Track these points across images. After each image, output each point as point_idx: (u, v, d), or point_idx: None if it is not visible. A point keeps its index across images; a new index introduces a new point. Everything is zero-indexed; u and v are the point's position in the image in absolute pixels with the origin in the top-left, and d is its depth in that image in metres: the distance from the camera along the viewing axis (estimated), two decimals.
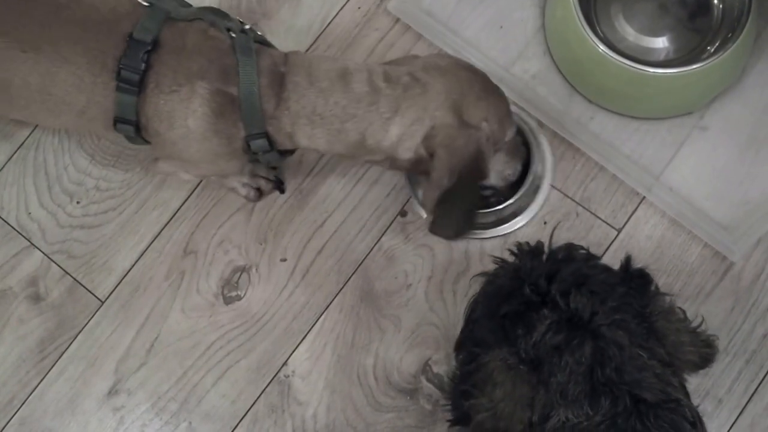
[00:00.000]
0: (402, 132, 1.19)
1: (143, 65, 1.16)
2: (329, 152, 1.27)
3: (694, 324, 1.16)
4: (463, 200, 1.25)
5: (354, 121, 1.19)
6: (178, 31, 1.20)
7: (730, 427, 1.42)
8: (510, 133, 1.27)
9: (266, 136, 1.22)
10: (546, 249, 1.17)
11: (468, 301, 1.21)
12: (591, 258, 1.19)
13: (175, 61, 1.18)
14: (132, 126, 1.22)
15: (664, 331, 1.07)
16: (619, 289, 1.07)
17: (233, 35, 1.20)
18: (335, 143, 1.23)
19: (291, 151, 1.33)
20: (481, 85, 1.24)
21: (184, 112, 1.19)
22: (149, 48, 1.16)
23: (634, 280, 1.12)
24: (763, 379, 1.44)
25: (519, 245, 1.19)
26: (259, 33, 1.28)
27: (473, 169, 1.21)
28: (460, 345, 1.21)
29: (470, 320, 1.20)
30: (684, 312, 1.23)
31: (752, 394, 1.43)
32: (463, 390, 1.11)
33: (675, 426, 0.97)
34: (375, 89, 1.19)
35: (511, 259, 1.19)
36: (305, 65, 1.21)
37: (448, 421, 1.20)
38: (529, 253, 1.18)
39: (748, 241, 1.48)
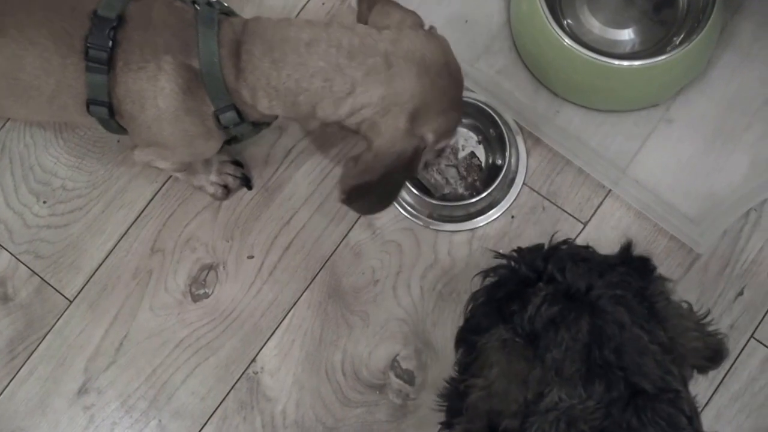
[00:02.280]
0: (351, 111, 1.11)
1: (110, 42, 1.10)
2: (288, 118, 1.20)
3: (701, 315, 1.12)
4: (384, 189, 1.18)
5: (306, 95, 1.11)
6: (144, 5, 1.13)
7: None
8: (444, 143, 1.19)
9: (234, 108, 1.15)
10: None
11: (467, 298, 1.15)
12: (588, 247, 1.14)
13: (141, 36, 1.11)
14: (105, 107, 1.15)
15: (666, 314, 1.02)
16: (619, 269, 1.03)
17: (197, 7, 1.14)
18: (291, 113, 1.15)
19: (267, 123, 1.26)
20: (450, 98, 1.14)
21: (153, 90, 1.12)
22: (114, 24, 1.10)
23: (634, 263, 1.07)
24: (728, 371, 1.40)
25: (518, 248, 1.14)
26: (225, 5, 1.20)
27: (401, 170, 1.13)
28: (459, 340, 1.15)
29: (469, 313, 1.14)
30: (689, 304, 1.18)
31: (718, 386, 1.39)
32: (462, 381, 1.06)
33: (672, 421, 0.92)
34: (333, 65, 1.09)
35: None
36: (261, 33, 1.12)
37: (441, 423, 1.15)
38: (529, 250, 1.13)
39: (714, 233, 1.43)
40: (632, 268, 1.03)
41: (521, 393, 0.97)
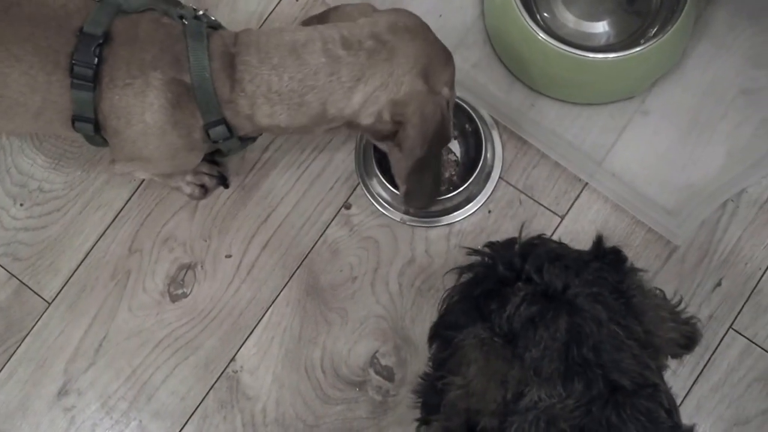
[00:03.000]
0: (365, 99, 1.11)
1: (96, 59, 1.08)
2: (291, 127, 1.17)
3: (674, 303, 1.10)
4: (432, 168, 1.19)
5: (314, 93, 1.11)
6: (130, 22, 1.12)
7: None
8: (453, 96, 1.21)
9: (225, 122, 1.14)
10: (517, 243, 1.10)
11: (442, 295, 1.14)
12: (561, 243, 1.13)
13: (128, 52, 1.10)
14: (91, 124, 1.14)
15: (642, 308, 1.00)
16: (594, 265, 1.01)
17: (185, 22, 1.12)
18: (297, 116, 1.14)
19: (252, 138, 1.25)
20: (443, 48, 1.18)
21: (141, 106, 1.10)
22: (101, 41, 1.08)
23: (607, 257, 1.06)
24: (708, 361, 1.38)
25: (491, 243, 1.12)
26: (213, 18, 1.19)
27: (440, 135, 1.14)
28: (433, 335, 1.14)
29: (444, 310, 1.13)
30: (663, 291, 1.17)
31: (698, 376, 1.38)
32: (437, 377, 1.05)
33: (651, 416, 0.90)
34: (334, 58, 1.09)
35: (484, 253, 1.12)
36: (254, 43, 1.12)
37: (417, 420, 1.13)
38: (502, 245, 1.11)
39: (691, 224, 1.41)
40: (606, 262, 1.02)
41: (500, 392, 0.95)
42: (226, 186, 1.48)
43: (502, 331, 0.95)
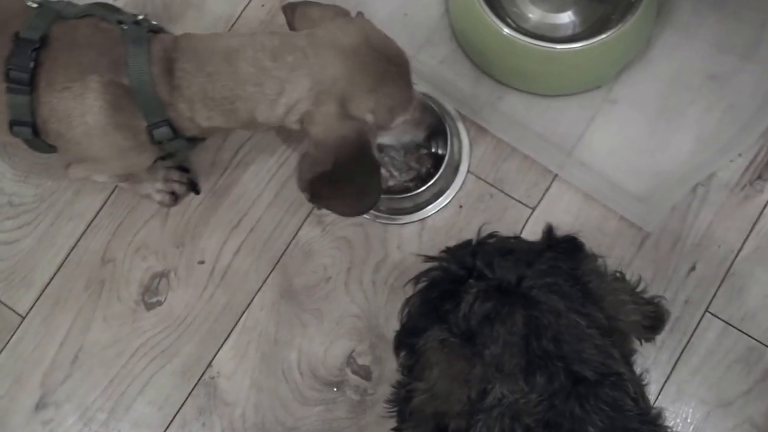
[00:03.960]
0: (286, 111, 1.09)
1: (32, 63, 1.07)
2: (231, 128, 1.16)
3: (633, 284, 1.08)
4: (355, 184, 1.15)
5: (242, 102, 1.09)
6: (68, 27, 1.10)
7: (657, 395, 1.34)
8: (401, 119, 1.15)
9: (168, 123, 1.13)
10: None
11: (402, 304, 1.11)
12: (516, 237, 1.11)
13: (66, 57, 1.09)
14: (29, 127, 1.12)
15: (601, 293, 0.98)
16: (547, 254, 0.99)
17: (125, 27, 1.11)
18: (231, 122, 1.13)
19: (202, 138, 1.23)
20: (378, 73, 1.10)
21: (81, 108, 1.09)
22: (37, 46, 1.07)
23: (561, 246, 1.04)
24: (686, 345, 1.36)
25: (447, 248, 1.10)
26: (154, 22, 1.17)
27: (358, 158, 1.10)
28: (398, 344, 1.11)
29: (406, 317, 1.11)
30: (622, 273, 1.15)
31: (676, 361, 1.35)
32: (407, 387, 1.03)
33: (616, 405, 0.88)
34: (261, 69, 1.07)
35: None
36: (192, 49, 1.11)
37: (393, 430, 1.10)
38: (457, 246, 1.09)
39: (661, 210, 1.39)
40: (560, 250, 1.00)
41: (464, 392, 0.93)
42: (197, 192, 1.46)
43: (459, 331, 0.93)
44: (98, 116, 1.09)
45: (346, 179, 1.11)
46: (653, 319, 1.04)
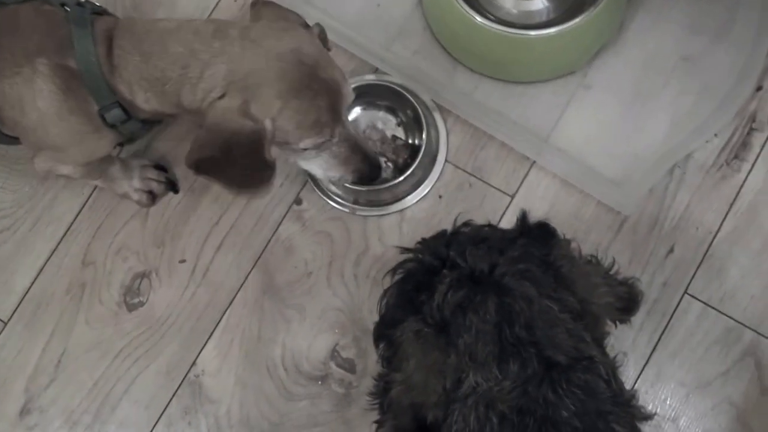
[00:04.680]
0: (204, 96, 1.07)
1: None
2: (174, 113, 1.14)
3: (607, 266, 1.09)
4: (240, 169, 1.11)
5: (171, 84, 1.08)
6: (10, 12, 1.10)
7: (637, 378, 1.35)
8: (310, 141, 1.11)
9: (120, 105, 1.12)
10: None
11: (379, 297, 1.11)
12: (490, 225, 1.12)
13: (10, 41, 1.08)
14: None
15: (573, 277, 0.99)
16: (519, 241, 0.99)
17: (67, 9, 1.10)
18: (165, 105, 1.11)
19: (158, 122, 1.22)
20: (293, 84, 1.06)
21: (32, 93, 1.08)
22: None
23: (533, 233, 1.05)
24: (665, 328, 1.37)
25: (422, 239, 1.10)
26: (98, 4, 1.17)
27: (244, 151, 1.06)
28: (377, 336, 1.11)
29: (383, 309, 1.11)
30: (596, 257, 1.15)
31: (656, 343, 1.36)
32: (385, 379, 1.04)
33: (588, 388, 0.89)
34: (190, 51, 1.06)
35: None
36: (131, 29, 1.10)
37: (375, 422, 1.11)
38: (432, 238, 1.10)
39: (638, 193, 1.40)
40: (533, 237, 1.00)
41: (439, 383, 0.93)
42: (176, 191, 1.46)
43: (434, 321, 0.93)
44: (49, 101, 1.09)
45: (231, 168, 1.09)
46: (627, 300, 1.05)
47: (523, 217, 1.05)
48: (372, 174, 1.23)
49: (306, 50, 1.08)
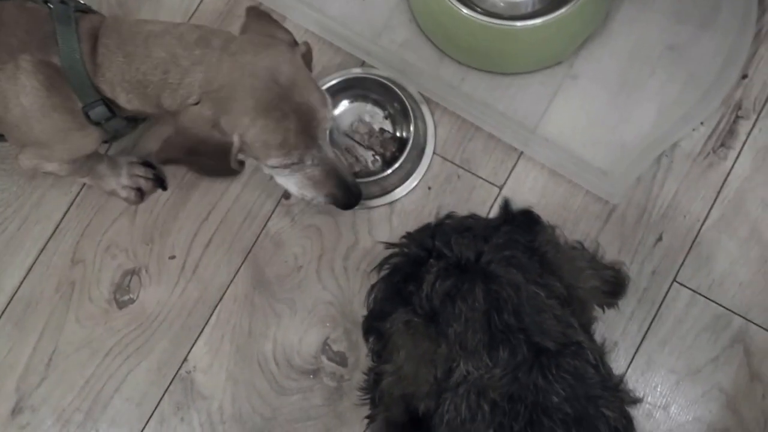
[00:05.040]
0: (182, 102, 1.07)
1: None
2: (156, 113, 1.15)
3: (592, 251, 1.09)
4: (205, 168, 1.16)
5: (152, 87, 1.08)
6: None
7: (628, 366, 1.36)
8: (276, 161, 1.11)
9: (104, 102, 1.12)
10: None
11: (367, 291, 1.12)
12: (473, 216, 1.12)
13: None
14: None
15: (558, 262, 0.99)
16: (503, 228, 1.00)
17: (51, 6, 1.10)
18: (147, 106, 1.12)
19: (143, 119, 1.22)
20: (263, 104, 1.06)
21: (15, 89, 1.08)
22: None
23: (517, 220, 1.05)
24: (655, 316, 1.37)
25: (407, 233, 1.11)
26: (82, 2, 1.17)
27: (210, 157, 1.08)
28: (367, 330, 1.12)
29: (372, 303, 1.11)
30: (581, 243, 1.16)
31: (646, 332, 1.37)
32: (376, 372, 1.04)
33: (577, 373, 0.90)
34: (171, 56, 1.07)
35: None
36: (117, 29, 1.10)
37: (367, 417, 1.11)
38: (417, 231, 1.10)
39: (625, 182, 1.40)
40: (517, 224, 1.01)
41: (430, 372, 0.94)
42: (164, 188, 1.45)
43: (423, 311, 0.94)
44: (32, 97, 1.09)
45: (195, 166, 1.13)
46: (613, 284, 1.05)
47: (506, 205, 1.05)
48: (347, 201, 1.23)
49: (283, 70, 1.07)
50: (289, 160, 1.11)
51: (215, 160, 1.09)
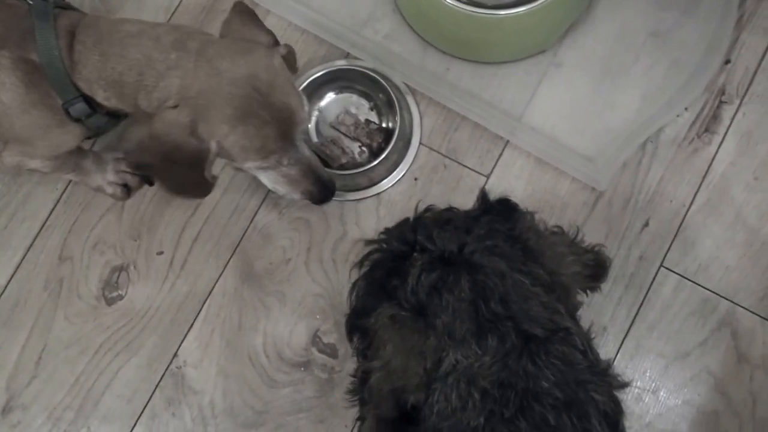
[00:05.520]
0: (158, 105, 1.05)
1: None
2: (135, 111, 1.12)
3: (571, 236, 1.09)
4: (178, 178, 1.12)
5: (127, 87, 1.07)
6: None
7: (617, 352, 1.36)
8: (254, 164, 1.11)
9: (85, 99, 1.10)
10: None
11: (349, 289, 1.11)
12: (452, 208, 1.11)
13: None
14: None
15: (540, 249, 0.99)
16: (484, 219, 0.99)
17: (30, 2, 1.08)
18: (125, 105, 1.10)
19: (125, 115, 1.20)
20: (242, 111, 1.05)
21: None
22: None
23: (495, 209, 1.04)
24: (643, 301, 1.37)
25: (386, 229, 1.10)
26: None
27: (186, 164, 1.06)
28: (350, 328, 1.10)
29: (354, 301, 1.10)
30: (561, 228, 1.15)
31: (634, 317, 1.37)
32: (363, 370, 1.03)
33: (566, 359, 0.89)
34: (147, 58, 1.05)
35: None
36: (95, 26, 1.08)
37: (357, 419, 1.10)
38: (396, 226, 1.09)
39: (611, 168, 1.40)
40: (496, 214, 1.00)
41: (419, 365, 0.93)
42: (151, 183, 1.44)
43: (409, 305, 0.93)
44: (11, 94, 1.07)
45: (168, 176, 1.10)
46: (594, 268, 1.05)
47: (483, 196, 1.05)
48: (323, 197, 1.23)
49: (261, 76, 1.06)
50: (267, 163, 1.11)
51: (189, 169, 1.07)
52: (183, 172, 1.08)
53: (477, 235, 0.93)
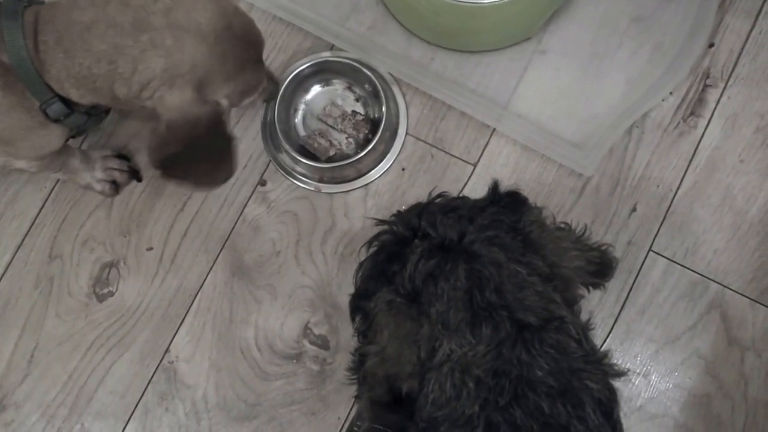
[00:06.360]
0: (141, 87, 0.99)
1: None
2: (114, 104, 1.07)
3: (578, 233, 1.05)
4: (207, 157, 1.08)
5: (100, 80, 1.00)
6: None
7: (606, 337, 1.32)
8: (249, 100, 1.10)
9: (61, 99, 1.04)
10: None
11: (355, 269, 1.06)
12: (463, 196, 1.07)
13: None
14: None
15: (541, 241, 0.94)
16: (489, 209, 0.95)
17: (2, 1, 1.01)
18: (102, 99, 1.04)
19: (105, 112, 1.15)
20: (238, 61, 1.02)
21: None
22: None
23: (503, 201, 1.00)
24: (632, 285, 1.33)
25: (398, 211, 1.06)
26: None
27: (209, 135, 1.03)
28: (353, 308, 1.06)
29: (359, 281, 1.06)
30: (568, 224, 1.11)
31: (624, 302, 1.33)
32: (361, 352, 0.99)
33: (560, 347, 0.85)
34: (114, 47, 0.97)
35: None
36: (51, 20, 1.00)
37: (355, 397, 1.07)
38: (407, 210, 1.05)
39: (597, 154, 1.36)
40: (503, 205, 0.96)
41: (413, 353, 0.89)
42: (139, 180, 1.39)
43: (406, 291, 0.89)
44: None
45: (198, 159, 1.05)
46: (599, 265, 1.00)
47: (494, 187, 1.00)
48: (275, 90, 1.29)
49: (235, 22, 1.01)
50: (257, 94, 1.13)
51: (213, 141, 1.04)
52: (208, 147, 1.04)
53: (479, 225, 0.89)
